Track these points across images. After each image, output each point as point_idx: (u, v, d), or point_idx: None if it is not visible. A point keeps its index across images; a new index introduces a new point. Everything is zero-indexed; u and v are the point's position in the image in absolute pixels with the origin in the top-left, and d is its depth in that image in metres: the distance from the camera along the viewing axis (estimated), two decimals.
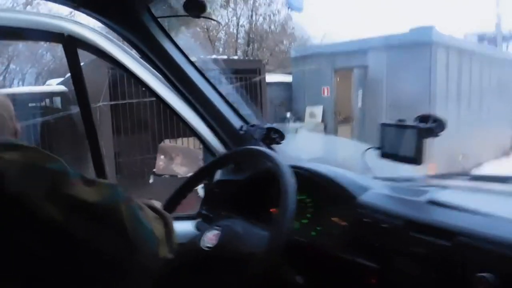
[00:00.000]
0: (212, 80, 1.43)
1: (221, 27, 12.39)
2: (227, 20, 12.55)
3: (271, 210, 1.33)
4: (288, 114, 8.85)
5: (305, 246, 1.11)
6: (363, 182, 1.11)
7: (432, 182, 1.43)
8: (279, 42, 13.33)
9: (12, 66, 11.99)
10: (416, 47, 7.20)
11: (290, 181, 0.90)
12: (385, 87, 7.51)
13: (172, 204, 1.17)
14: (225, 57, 8.72)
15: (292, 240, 1.13)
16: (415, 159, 1.03)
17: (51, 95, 6.38)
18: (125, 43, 1.41)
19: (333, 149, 1.62)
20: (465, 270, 0.78)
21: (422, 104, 7.01)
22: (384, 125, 1.13)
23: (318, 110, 8.74)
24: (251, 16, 12.45)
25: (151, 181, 5.24)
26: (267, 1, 12.55)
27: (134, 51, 1.37)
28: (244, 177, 1.37)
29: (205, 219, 1.32)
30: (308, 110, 8.88)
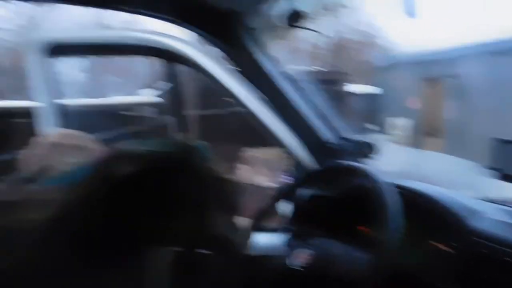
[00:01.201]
0: (302, 91, 1.40)
1: (302, 38, 12.41)
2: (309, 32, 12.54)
3: (361, 229, 1.26)
4: (371, 126, 8.54)
5: (401, 272, 1.03)
6: (472, 204, 1.00)
7: None
8: (362, 51, 12.99)
9: (110, 77, 13.16)
10: None
11: (393, 200, 0.83)
12: (482, 97, 6.90)
13: (261, 216, 1.15)
14: (307, 67, 8.70)
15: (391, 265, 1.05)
16: None
17: (144, 104, 6.82)
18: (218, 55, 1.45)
19: (422, 163, 1.49)
20: None
21: None
22: (501, 142, 1.01)
23: (404, 122, 8.31)
24: (332, 26, 12.31)
25: None
26: (348, 10, 12.33)
27: (226, 63, 1.40)
28: (336, 194, 1.32)
29: (294, 235, 1.29)
30: (393, 121, 8.49)
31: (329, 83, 6.78)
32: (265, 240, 1.28)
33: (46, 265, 0.68)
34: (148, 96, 7.25)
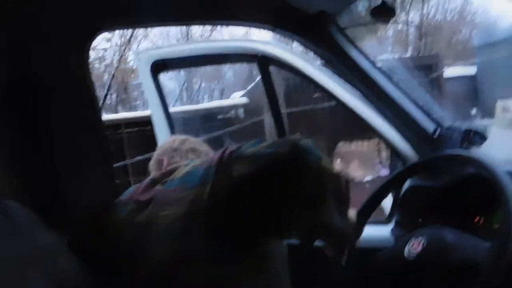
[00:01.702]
0: (399, 83, 1.38)
1: (389, 25, 11.85)
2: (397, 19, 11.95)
3: (476, 219, 1.20)
4: (474, 111, 7.85)
5: None
6: None
7: None
8: (457, 31, 12.00)
9: (203, 84, 13.92)
10: None
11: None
12: None
13: (367, 209, 1.17)
14: (397, 56, 8.31)
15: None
16: None
17: (236, 107, 7.14)
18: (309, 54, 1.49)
19: None
20: None
21: None
22: None
23: None
24: (422, 8, 11.55)
25: None
26: None
27: (319, 61, 1.43)
28: (442, 184, 1.28)
29: (402, 226, 1.28)
30: (500, 104, 7.70)
31: (426, 68, 6.40)
32: (372, 232, 1.29)
33: (183, 257, 0.78)
34: (240, 98, 7.57)
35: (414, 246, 0.96)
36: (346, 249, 1.06)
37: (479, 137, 1.36)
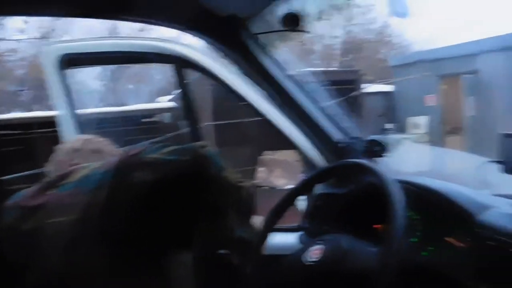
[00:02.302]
0: (311, 93, 1.42)
1: (315, 39, 12.39)
2: (321, 32, 12.52)
3: (374, 226, 1.26)
4: (389, 126, 8.44)
5: (415, 267, 1.03)
6: (482, 199, 1.00)
7: None
8: (377, 51, 12.88)
9: (130, 86, 13.41)
10: None
11: (399, 196, 0.84)
12: (501, 93, 6.76)
13: (274, 216, 1.17)
14: (321, 69, 8.68)
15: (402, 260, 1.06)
16: None
17: (162, 111, 6.95)
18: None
19: (441, 162, 1.49)
20: None
21: None
22: (507, 136, 1.01)
23: (422, 120, 8.19)
24: (346, 26, 12.25)
25: None
26: (362, 10, 12.25)
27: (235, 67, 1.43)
28: (346, 191, 1.33)
29: (308, 233, 1.30)
30: (411, 120, 8.38)
31: (345, 83, 6.74)
32: (281, 240, 1.30)
33: (75, 268, 0.71)
34: (165, 103, 7.39)
35: (313, 253, 0.97)
36: (250, 257, 1.05)
37: (382, 148, 1.44)
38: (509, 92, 6.58)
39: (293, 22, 1.11)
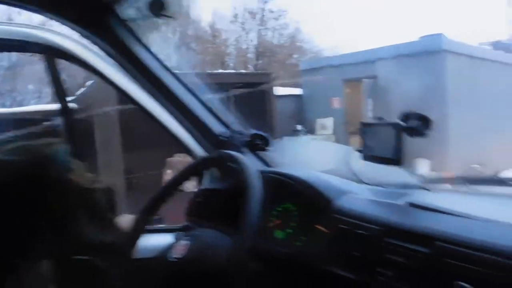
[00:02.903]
0: (191, 87, 1.38)
1: (230, 41, 12.50)
2: (236, 35, 12.66)
3: None
4: (299, 127, 8.77)
5: (289, 258, 1.04)
6: (342, 186, 1.04)
7: (427, 186, 1.34)
8: (289, 55, 13.36)
9: (30, 86, 12.29)
10: (426, 55, 7.10)
11: (255, 183, 0.84)
12: (396, 96, 7.39)
13: (144, 217, 1.11)
14: (232, 71, 8.75)
15: (275, 252, 1.06)
16: (395, 160, 0.96)
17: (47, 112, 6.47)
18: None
19: (321, 154, 1.54)
20: (444, 278, 0.69)
21: (435, 111, 6.88)
22: (364, 125, 1.06)
23: (329, 122, 8.64)
24: (259, 30, 12.53)
25: None
26: (275, 15, 12.63)
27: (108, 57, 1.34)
28: (227, 186, 1.31)
29: (186, 231, 1.26)
30: (319, 122, 8.79)
31: (253, 85, 6.86)
32: (157, 240, 1.24)
33: None
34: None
35: (178, 250, 0.93)
36: (117, 261, 0.98)
37: (265, 141, 1.45)
38: (401, 96, 7.21)
39: (158, 7, 1.06)
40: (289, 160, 1.46)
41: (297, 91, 9.74)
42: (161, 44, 1.42)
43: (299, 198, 1.10)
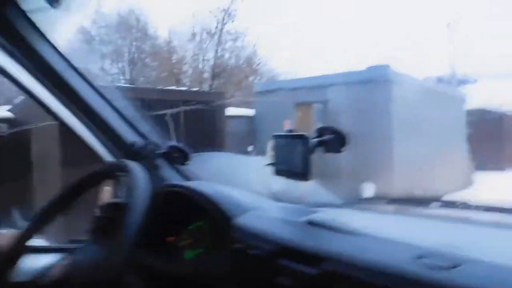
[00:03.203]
0: (103, 91, 1.28)
1: (186, 60, 12.42)
2: (192, 54, 12.61)
3: (167, 239, 1.16)
4: (251, 148, 8.74)
5: (181, 277, 0.94)
6: (249, 202, 0.96)
7: (348, 205, 1.30)
8: (245, 77, 13.45)
9: None
10: (373, 83, 7.37)
11: (138, 192, 0.74)
12: (345, 120, 7.57)
13: (23, 239, 0.97)
14: (184, 88, 8.64)
15: (169, 269, 0.96)
16: (302, 174, 0.90)
17: None
18: None
19: (240, 168, 1.48)
20: None
21: (381, 137, 7.11)
22: (275, 137, 1.00)
23: None
24: (216, 50, 12.56)
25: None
26: (233, 37, 12.74)
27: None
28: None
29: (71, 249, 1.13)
30: (271, 143, 8.81)
31: (207, 103, 6.79)
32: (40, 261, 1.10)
33: None
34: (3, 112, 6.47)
35: (55, 271, 0.82)
36: None
37: (183, 154, 1.36)
38: (349, 121, 7.40)
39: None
40: (209, 175, 1.38)
41: (250, 112, 9.77)
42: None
43: (206, 215, 1.02)
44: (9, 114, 6.07)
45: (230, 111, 8.70)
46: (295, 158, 0.92)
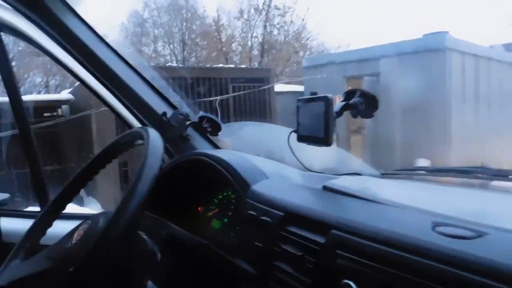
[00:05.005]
0: (134, 64, 1.30)
1: (234, 38, 12.40)
2: (240, 32, 12.56)
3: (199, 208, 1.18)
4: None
5: (200, 247, 0.95)
6: (270, 170, 0.94)
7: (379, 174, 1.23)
8: (294, 52, 13.21)
9: (38, 78, 12.31)
10: (430, 52, 6.93)
11: (150, 156, 0.74)
12: (398, 93, 7.23)
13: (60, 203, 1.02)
14: (232, 65, 8.65)
15: (189, 240, 0.97)
16: (324, 138, 0.86)
17: (60, 102, 6.47)
18: None
19: (269, 138, 1.45)
20: (334, 275, 0.59)
21: (437, 109, 6.73)
22: (298, 101, 0.96)
23: None
24: (265, 26, 12.41)
25: None
26: (280, 12, 12.50)
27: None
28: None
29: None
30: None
31: (252, 81, 6.77)
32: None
33: None
34: (64, 94, 6.87)
35: (74, 236, 0.85)
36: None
37: (213, 125, 1.36)
38: (403, 93, 7.06)
39: None
40: (239, 144, 1.38)
41: (300, 88, 9.61)
42: None
43: (230, 184, 1.01)
44: (70, 96, 6.45)
45: (280, 87, 8.63)
46: (317, 122, 0.88)
